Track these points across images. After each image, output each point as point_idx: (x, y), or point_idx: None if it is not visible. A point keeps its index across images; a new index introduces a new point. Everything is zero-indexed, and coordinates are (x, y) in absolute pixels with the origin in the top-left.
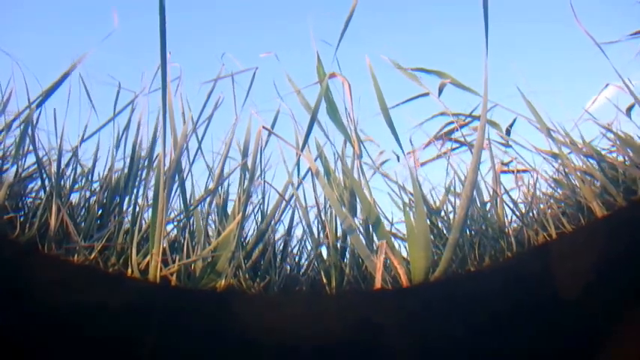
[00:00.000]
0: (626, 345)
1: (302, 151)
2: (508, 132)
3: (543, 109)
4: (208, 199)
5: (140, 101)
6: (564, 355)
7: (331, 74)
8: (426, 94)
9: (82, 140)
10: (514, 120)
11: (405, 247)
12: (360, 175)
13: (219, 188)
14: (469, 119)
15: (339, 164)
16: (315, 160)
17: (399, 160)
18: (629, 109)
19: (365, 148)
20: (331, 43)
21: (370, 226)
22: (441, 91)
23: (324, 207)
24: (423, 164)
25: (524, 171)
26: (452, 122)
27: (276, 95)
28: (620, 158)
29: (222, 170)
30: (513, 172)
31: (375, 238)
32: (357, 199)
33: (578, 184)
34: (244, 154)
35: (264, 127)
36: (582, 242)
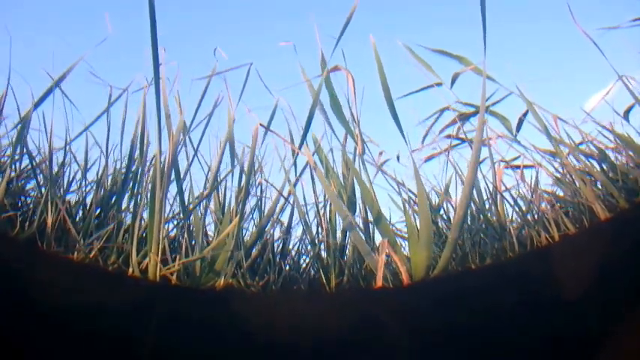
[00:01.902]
0: (628, 347)
1: (300, 148)
2: (520, 124)
3: (543, 107)
4: (207, 199)
5: (140, 99)
6: (565, 354)
7: (334, 67)
8: (439, 84)
9: (70, 141)
10: (525, 114)
11: (403, 245)
12: (362, 171)
13: (218, 187)
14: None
15: (338, 159)
16: (312, 155)
17: (398, 160)
18: (627, 111)
19: (367, 146)
20: (333, 41)
21: (370, 224)
22: (454, 81)
23: (324, 204)
24: (428, 159)
25: (529, 166)
26: (462, 114)
27: (274, 93)
28: (622, 159)
29: (217, 169)
30: (518, 167)
31: (374, 236)
32: (357, 196)
33: (579, 185)
34: (233, 152)
35: (260, 125)
36: (585, 244)
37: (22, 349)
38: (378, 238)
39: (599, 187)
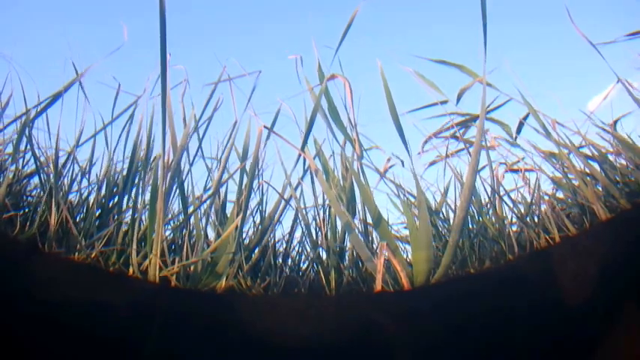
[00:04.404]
0: (629, 349)
1: (302, 150)
2: (520, 127)
3: (542, 112)
4: (208, 200)
5: (142, 102)
6: (565, 356)
7: (332, 75)
8: (445, 102)
9: (79, 143)
10: (525, 117)
11: (404, 249)
12: (361, 175)
13: (219, 188)
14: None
15: (339, 163)
16: (314, 158)
17: (403, 165)
18: (615, 122)
19: (366, 151)
20: (333, 40)
21: (370, 226)
22: (459, 98)
23: (323, 207)
24: (432, 163)
25: (530, 170)
26: (462, 121)
27: (276, 97)
28: (621, 161)
29: (222, 171)
30: (519, 170)
31: (374, 240)
32: (357, 199)
33: (579, 186)
34: (244, 155)
35: (264, 127)
36: (586, 246)
37: (21, 348)
38: (377, 240)
39: (600, 188)
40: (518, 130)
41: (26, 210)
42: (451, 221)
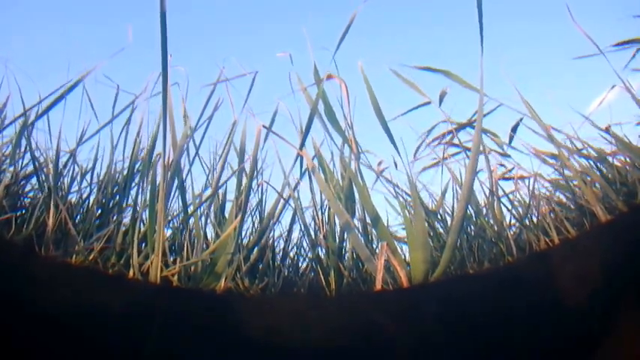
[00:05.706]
0: (628, 353)
1: (300, 149)
2: (514, 130)
3: (542, 110)
4: (207, 201)
5: (142, 103)
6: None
7: (328, 76)
8: (428, 103)
9: (81, 142)
10: (520, 120)
11: (401, 249)
12: (358, 175)
13: (218, 189)
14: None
15: (337, 163)
16: (313, 159)
17: (396, 168)
18: (607, 128)
19: (363, 152)
20: (333, 39)
21: (368, 226)
22: (442, 99)
23: (322, 207)
24: (424, 169)
25: (524, 177)
26: (456, 126)
27: (275, 97)
28: (617, 163)
29: (221, 171)
30: (513, 178)
31: (374, 240)
32: (355, 199)
33: (579, 187)
34: (242, 155)
35: (263, 127)
36: (586, 247)
37: (16, 355)
38: (377, 240)
39: (599, 188)
40: (514, 130)
41: (23, 211)
42: (449, 223)
